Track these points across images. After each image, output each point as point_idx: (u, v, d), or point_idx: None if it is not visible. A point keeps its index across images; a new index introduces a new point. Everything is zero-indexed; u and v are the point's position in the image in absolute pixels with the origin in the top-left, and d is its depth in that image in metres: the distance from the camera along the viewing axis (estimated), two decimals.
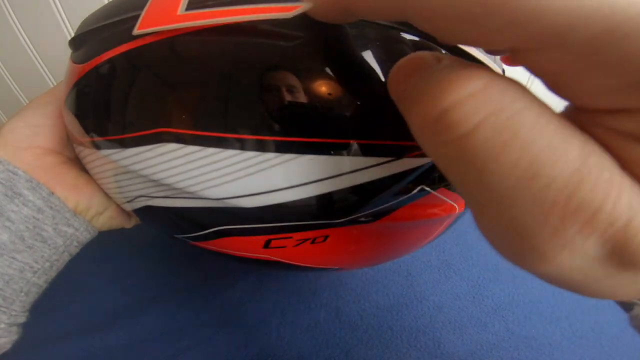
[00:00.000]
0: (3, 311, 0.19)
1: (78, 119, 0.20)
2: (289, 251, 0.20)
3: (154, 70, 0.17)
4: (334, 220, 0.18)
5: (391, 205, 0.18)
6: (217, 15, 0.15)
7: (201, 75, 0.16)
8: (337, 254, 0.22)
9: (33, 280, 0.20)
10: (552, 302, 0.32)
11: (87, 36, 0.20)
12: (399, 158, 0.16)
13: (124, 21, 0.18)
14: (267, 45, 0.15)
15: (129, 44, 0.17)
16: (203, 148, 0.16)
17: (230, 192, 0.17)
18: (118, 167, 0.19)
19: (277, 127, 0.15)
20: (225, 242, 0.21)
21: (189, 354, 0.27)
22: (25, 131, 0.21)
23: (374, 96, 0.16)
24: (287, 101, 0.15)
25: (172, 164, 0.17)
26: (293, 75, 0.15)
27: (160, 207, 0.19)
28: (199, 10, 0.16)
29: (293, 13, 0.14)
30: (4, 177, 0.19)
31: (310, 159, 0.16)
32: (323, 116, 0.15)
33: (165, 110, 0.16)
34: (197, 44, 0.16)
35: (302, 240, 0.20)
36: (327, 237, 0.19)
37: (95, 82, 0.18)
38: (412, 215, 0.19)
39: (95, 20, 0.20)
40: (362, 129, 0.16)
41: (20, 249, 0.19)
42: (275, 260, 0.22)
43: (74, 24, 0.47)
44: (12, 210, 0.19)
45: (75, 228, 0.22)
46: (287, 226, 0.19)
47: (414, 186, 0.18)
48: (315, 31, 0.15)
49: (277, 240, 0.20)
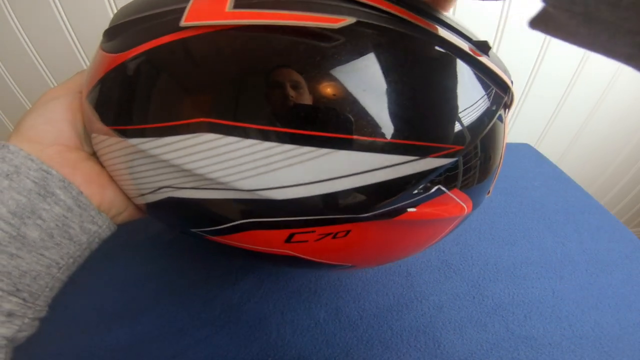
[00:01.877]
0: (29, 306, 0.19)
1: (106, 107, 0.20)
2: (310, 246, 0.21)
3: (198, 62, 0.17)
4: (358, 215, 0.19)
5: (410, 203, 0.19)
6: (265, 17, 0.16)
7: (244, 69, 0.17)
8: (356, 249, 0.22)
9: (57, 275, 0.20)
10: (552, 302, 0.32)
11: (125, 27, 0.20)
12: (422, 157, 0.17)
13: (166, 13, 0.18)
14: (309, 45, 0.16)
15: (174, 34, 0.17)
16: (242, 139, 0.16)
17: (263, 183, 0.17)
18: (147, 157, 0.19)
19: (313, 122, 0.16)
20: (247, 236, 0.21)
21: (189, 354, 0.27)
22: (47, 127, 0.21)
23: (403, 99, 0.17)
24: (323, 98, 0.16)
25: (209, 154, 0.17)
26: (332, 75, 0.16)
27: (185, 198, 0.20)
28: (247, 10, 0.17)
29: (339, 25, 0.16)
30: (37, 175, 0.19)
31: (343, 155, 0.17)
32: (356, 115, 0.16)
33: (206, 100, 0.17)
34: (242, 39, 0.17)
35: (324, 235, 0.20)
36: (348, 232, 0.20)
37: (134, 70, 0.19)
38: (427, 213, 0.20)
39: (134, 11, 0.20)
40: (392, 128, 0.17)
41: (48, 245, 0.19)
42: (294, 255, 0.22)
43: (74, 24, 0.47)
44: (44, 209, 0.19)
45: (99, 225, 0.22)
46: (311, 220, 0.19)
47: (432, 185, 0.19)
48: (354, 35, 0.16)
49: (300, 235, 0.20)
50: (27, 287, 0.19)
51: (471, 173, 0.21)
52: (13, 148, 0.19)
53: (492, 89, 0.20)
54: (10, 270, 0.18)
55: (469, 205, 0.22)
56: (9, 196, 0.18)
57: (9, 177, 0.19)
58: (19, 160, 0.19)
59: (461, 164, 0.20)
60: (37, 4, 0.45)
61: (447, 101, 0.18)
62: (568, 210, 0.43)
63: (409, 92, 0.17)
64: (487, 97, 0.20)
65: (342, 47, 0.16)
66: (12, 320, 0.18)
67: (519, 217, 0.41)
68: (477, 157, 0.21)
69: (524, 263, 0.35)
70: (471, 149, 0.19)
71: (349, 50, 0.16)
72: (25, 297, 0.19)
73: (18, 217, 0.19)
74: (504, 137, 0.23)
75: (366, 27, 0.17)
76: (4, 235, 0.18)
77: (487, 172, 0.22)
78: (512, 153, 0.54)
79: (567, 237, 0.39)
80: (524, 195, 0.45)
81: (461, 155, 0.19)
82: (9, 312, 0.18)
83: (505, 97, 0.21)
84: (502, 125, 0.22)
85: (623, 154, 0.69)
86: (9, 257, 0.18)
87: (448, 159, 0.18)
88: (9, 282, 0.18)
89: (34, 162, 0.19)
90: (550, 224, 0.41)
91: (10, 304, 0.18)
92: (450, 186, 0.20)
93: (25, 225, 0.19)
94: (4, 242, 0.18)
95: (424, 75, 0.18)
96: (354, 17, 0.16)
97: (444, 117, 0.18)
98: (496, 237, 0.38)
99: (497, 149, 0.22)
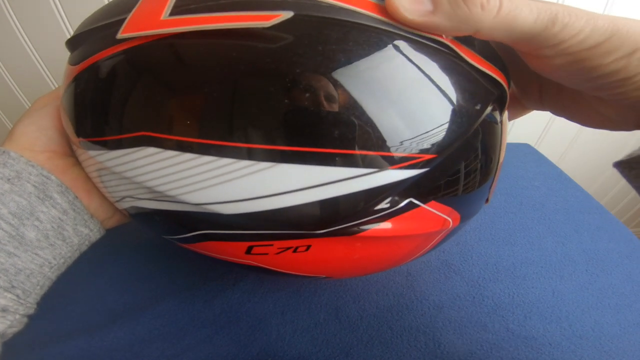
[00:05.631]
0: (21, 303, 0.20)
1: (70, 120, 0.20)
2: (271, 258, 0.20)
3: (135, 75, 0.17)
4: (314, 231, 0.18)
5: (376, 218, 0.18)
6: (198, 22, 0.15)
7: (180, 81, 0.16)
8: (322, 264, 0.21)
9: (48, 274, 0.21)
10: (552, 302, 0.32)
11: (81, 38, 0.20)
12: (380, 170, 0.16)
13: (112, 24, 0.17)
14: (248, 48, 0.15)
15: (113, 47, 0.17)
16: (181, 153, 0.16)
17: (208, 198, 0.17)
18: (105, 168, 0.19)
19: (252, 134, 0.15)
20: (209, 245, 0.21)
21: (189, 354, 0.27)
22: (38, 135, 0.22)
23: (352, 104, 0.15)
24: (264, 107, 0.15)
25: (152, 168, 0.17)
26: (273, 80, 0.15)
27: (146, 208, 0.20)
28: (181, 16, 0.16)
29: (271, 22, 0.14)
30: (38, 180, 0.21)
31: (288, 168, 0.15)
32: (301, 124, 0.15)
33: (146, 114, 0.16)
34: (178, 49, 0.16)
35: (283, 249, 0.19)
36: (309, 246, 0.19)
37: (84, 84, 0.19)
38: (399, 228, 0.18)
39: (90, 22, 0.20)
40: (343, 138, 0.15)
41: (43, 246, 0.20)
42: (259, 266, 0.21)
43: (74, 24, 0.47)
44: (41, 211, 0.20)
45: (90, 229, 0.23)
46: (266, 234, 0.18)
47: (402, 199, 0.17)
48: (302, 33, 0.15)
49: (258, 247, 0.19)
50: (21, 285, 0.20)
51: (454, 183, 0.18)
52: (14, 154, 0.20)
53: (474, 83, 0.17)
54: (7, 268, 0.19)
55: (455, 217, 0.20)
56: (10, 198, 0.19)
57: (10, 181, 0.20)
58: (20, 166, 0.20)
59: (437, 174, 0.17)
60: (37, 4, 0.45)
61: (410, 102, 0.16)
62: (568, 210, 0.43)
63: (363, 94, 0.15)
64: (467, 94, 0.17)
65: (286, 48, 0.15)
66: (6, 315, 0.19)
67: (519, 217, 0.41)
68: (460, 165, 0.18)
69: (524, 263, 0.35)
70: (450, 157, 0.17)
71: (294, 53, 0.15)
72: (19, 294, 0.20)
73: (18, 218, 0.19)
74: (500, 139, 0.20)
75: (306, 21, 0.15)
76: (3, 234, 0.19)
77: (478, 180, 0.19)
78: (512, 153, 0.54)
79: (567, 237, 0.39)
80: (524, 195, 0.45)
81: (434, 164, 0.16)
82: (4, 307, 0.19)
83: (494, 93, 0.18)
84: (497, 125, 0.19)
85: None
86: (7, 255, 0.19)
87: (415, 170, 0.16)
88: (5, 279, 0.19)
89: (34, 168, 0.21)
90: (550, 224, 0.41)
91: (5, 300, 0.19)
92: (425, 199, 0.18)
93: (23, 226, 0.20)
94: (4, 241, 0.19)
95: (381, 73, 0.15)
96: (292, 10, 0.15)
97: (407, 121, 0.16)
98: (496, 237, 0.38)
99: (489, 154, 0.20)
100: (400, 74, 0.15)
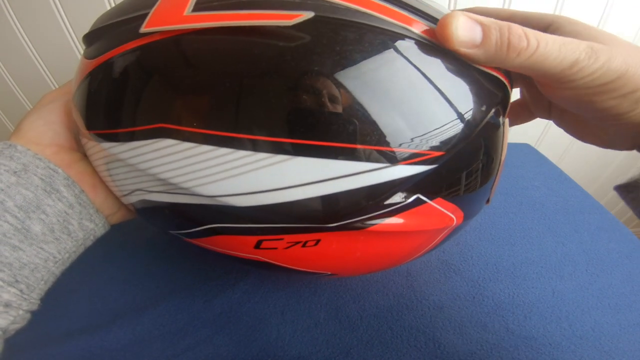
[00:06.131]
0: (25, 298, 0.20)
1: (83, 112, 0.20)
2: (280, 253, 0.20)
3: (157, 68, 0.17)
4: (325, 225, 0.18)
5: (384, 213, 0.18)
6: (222, 18, 0.16)
7: (200, 74, 0.16)
8: (329, 259, 0.21)
9: (53, 269, 0.21)
10: (552, 302, 0.32)
11: (99, 33, 0.20)
12: (392, 165, 0.16)
13: (133, 19, 0.18)
14: (268, 46, 0.15)
15: (136, 41, 0.17)
16: (199, 145, 0.16)
17: (223, 190, 0.17)
18: (117, 160, 0.19)
19: (269, 127, 0.15)
20: (218, 240, 0.21)
21: (189, 354, 0.27)
22: (45, 129, 0.22)
23: (367, 102, 0.15)
24: (280, 102, 0.15)
25: (169, 159, 0.17)
26: (290, 77, 0.15)
27: (156, 201, 0.20)
28: (205, 12, 0.16)
29: (294, 21, 0.15)
30: (44, 173, 0.20)
31: (302, 162, 0.16)
32: (315, 118, 0.15)
33: (165, 106, 0.17)
34: (199, 44, 0.16)
35: (293, 243, 0.19)
36: (318, 241, 0.19)
37: (102, 77, 0.19)
38: (405, 225, 0.19)
39: (109, 17, 0.20)
40: (359, 134, 0.15)
41: (48, 240, 0.20)
42: (267, 261, 0.22)
43: (74, 24, 0.47)
44: (48, 205, 0.20)
45: (96, 224, 0.23)
46: (278, 227, 0.19)
47: (410, 194, 0.18)
48: (320, 33, 0.15)
49: (268, 242, 0.20)
50: (25, 279, 0.19)
51: (459, 181, 0.19)
52: (21, 148, 0.20)
53: (482, 85, 0.18)
54: (11, 262, 0.19)
55: (459, 215, 0.21)
56: (16, 191, 0.19)
57: (17, 174, 0.20)
58: (27, 159, 0.20)
59: (444, 172, 0.18)
60: (37, 4, 0.45)
61: (421, 101, 0.16)
62: (568, 210, 0.43)
63: (377, 93, 0.15)
64: (474, 95, 0.17)
65: (303, 47, 0.15)
66: (9, 311, 0.19)
67: (519, 217, 0.41)
68: (465, 164, 0.19)
69: (524, 263, 0.35)
70: (457, 155, 0.17)
71: (311, 52, 0.15)
72: (23, 289, 0.19)
73: (24, 211, 0.19)
74: (502, 140, 0.21)
75: (326, 22, 0.16)
76: (9, 227, 0.19)
77: (480, 180, 0.20)
78: (512, 153, 0.54)
79: (567, 237, 0.39)
80: (524, 195, 0.45)
81: (442, 162, 0.17)
82: (7, 302, 0.19)
83: (499, 94, 0.18)
84: (500, 127, 0.20)
85: (623, 154, 0.68)
86: (11, 249, 0.19)
87: (424, 167, 0.17)
88: (9, 273, 0.19)
89: (41, 161, 0.21)
90: (550, 224, 0.41)
91: (8, 295, 0.19)
92: (432, 196, 0.18)
93: (29, 219, 0.19)
94: (9, 234, 0.19)
95: (393, 73, 0.16)
96: (312, 11, 0.15)
97: (417, 119, 0.16)
98: (496, 237, 0.38)
99: (492, 155, 0.20)
100: (410, 74, 0.16)
